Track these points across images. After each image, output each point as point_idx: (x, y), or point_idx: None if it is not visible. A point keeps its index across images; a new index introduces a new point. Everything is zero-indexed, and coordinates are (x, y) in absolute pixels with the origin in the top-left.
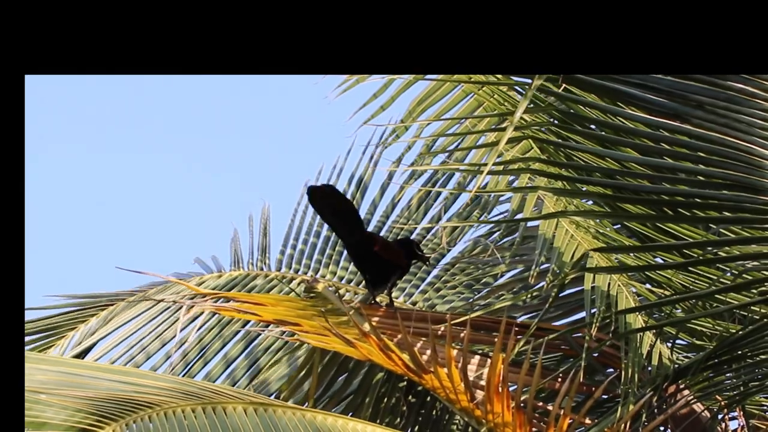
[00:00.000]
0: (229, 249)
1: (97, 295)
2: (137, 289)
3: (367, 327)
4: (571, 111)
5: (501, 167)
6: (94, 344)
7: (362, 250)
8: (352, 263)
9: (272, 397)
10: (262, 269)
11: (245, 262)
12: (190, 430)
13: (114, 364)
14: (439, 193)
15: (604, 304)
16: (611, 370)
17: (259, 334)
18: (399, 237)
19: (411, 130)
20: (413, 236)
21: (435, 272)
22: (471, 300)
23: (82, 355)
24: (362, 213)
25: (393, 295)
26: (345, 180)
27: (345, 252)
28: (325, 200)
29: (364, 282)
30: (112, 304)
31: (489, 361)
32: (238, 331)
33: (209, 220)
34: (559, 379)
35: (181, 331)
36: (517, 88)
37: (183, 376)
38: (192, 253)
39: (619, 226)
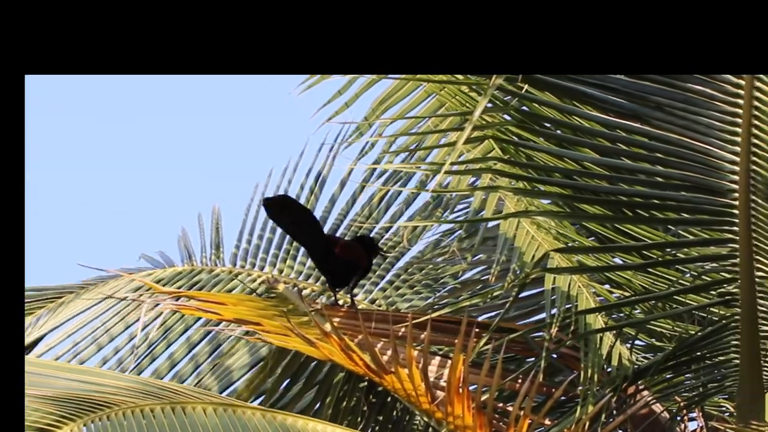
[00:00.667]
0: (177, 246)
1: (43, 288)
2: (82, 283)
3: (328, 327)
4: (530, 111)
5: (462, 167)
6: (41, 337)
7: (323, 253)
8: (309, 258)
9: (228, 393)
10: (216, 264)
11: (198, 258)
12: (149, 429)
13: (59, 359)
14: (400, 192)
15: (564, 305)
16: (571, 371)
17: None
18: (358, 234)
19: (373, 129)
20: (372, 234)
21: (395, 271)
22: (431, 299)
23: (29, 348)
24: (320, 210)
25: (353, 292)
26: (303, 175)
27: (302, 248)
28: (282, 211)
29: (325, 281)
30: (59, 297)
31: (449, 362)
32: (188, 328)
33: (164, 218)
34: (519, 380)
35: (142, 330)
36: (478, 89)
37: (133, 371)
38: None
39: (579, 226)
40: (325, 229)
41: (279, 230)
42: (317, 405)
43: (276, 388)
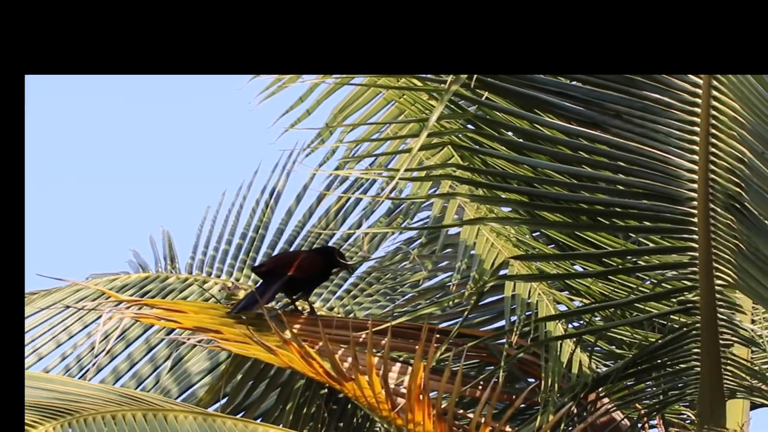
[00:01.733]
0: (133, 258)
1: None
2: (39, 290)
3: (288, 334)
4: (489, 118)
5: (420, 173)
6: None
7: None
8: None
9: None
10: (171, 272)
11: (153, 267)
12: None
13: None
14: (359, 200)
15: (524, 312)
16: (532, 379)
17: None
18: (318, 245)
19: (333, 137)
20: (331, 243)
21: (352, 279)
22: (391, 307)
23: None
24: (277, 220)
25: (310, 300)
26: (261, 186)
27: (259, 255)
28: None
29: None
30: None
31: (410, 368)
32: (141, 334)
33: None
34: (480, 387)
35: (101, 340)
36: (437, 96)
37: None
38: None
39: (539, 234)
40: (283, 240)
41: (235, 242)
42: (278, 411)
43: (237, 394)
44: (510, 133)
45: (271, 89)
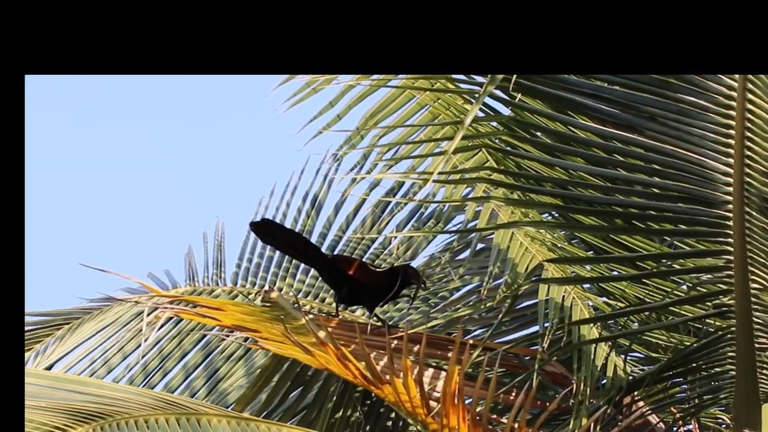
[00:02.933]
0: (184, 264)
1: (49, 314)
2: (86, 308)
3: (323, 334)
4: (523, 120)
5: (455, 176)
6: (50, 366)
7: (335, 275)
8: (309, 275)
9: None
10: (217, 284)
11: (200, 277)
12: None
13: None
14: (395, 208)
15: (557, 317)
16: (561, 388)
17: (218, 345)
18: (359, 251)
19: (365, 142)
20: (373, 248)
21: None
22: (424, 314)
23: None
24: (318, 229)
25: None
26: (299, 192)
27: (302, 265)
28: (269, 234)
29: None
30: (66, 323)
31: (443, 373)
32: (199, 341)
33: (163, 239)
34: (513, 394)
35: (145, 335)
36: (471, 99)
37: (143, 386)
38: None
39: (576, 240)
40: (319, 244)
41: (278, 251)
42: (313, 415)
43: (272, 398)
44: (543, 136)
45: (302, 93)
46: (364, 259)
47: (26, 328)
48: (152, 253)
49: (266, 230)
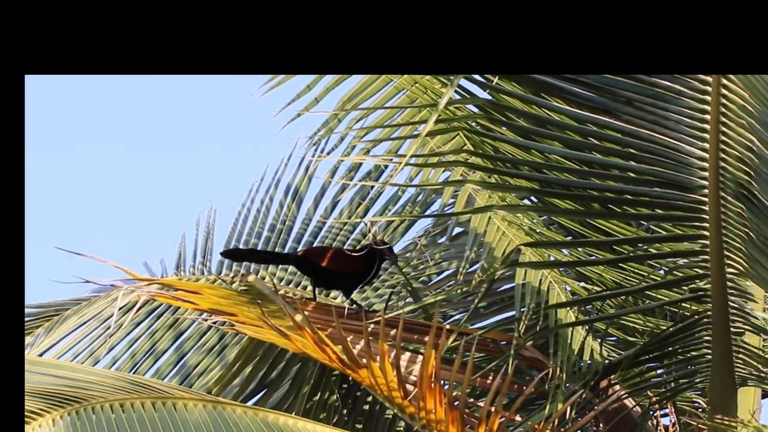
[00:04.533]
0: (177, 252)
1: (43, 306)
2: (82, 297)
3: (299, 318)
4: (499, 103)
5: (434, 159)
6: (42, 353)
7: (308, 268)
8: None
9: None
10: (203, 273)
11: (188, 266)
12: (118, 424)
13: None
14: (372, 189)
15: (534, 301)
16: (537, 371)
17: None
18: (340, 238)
19: (343, 125)
20: (355, 233)
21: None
22: (402, 294)
23: None
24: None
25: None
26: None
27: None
28: (240, 257)
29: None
30: (56, 315)
31: (420, 357)
32: (184, 331)
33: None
34: (490, 378)
35: (116, 319)
36: (447, 82)
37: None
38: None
39: (554, 225)
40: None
41: (263, 238)
42: (290, 400)
43: (249, 382)
44: (520, 120)
45: (280, 77)
46: (346, 246)
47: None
48: (151, 244)
49: (236, 255)
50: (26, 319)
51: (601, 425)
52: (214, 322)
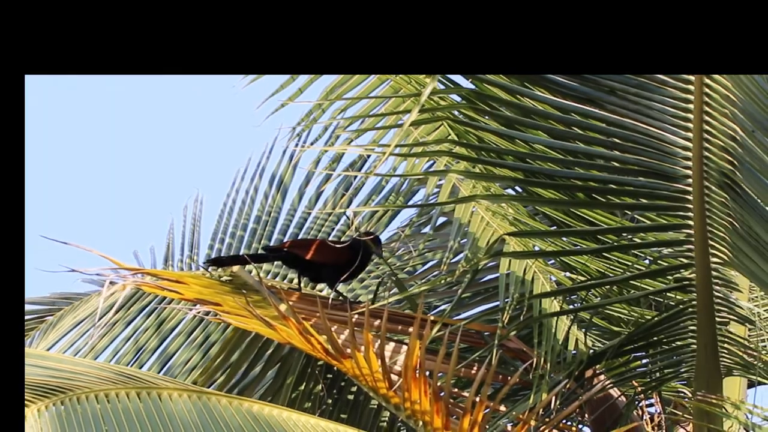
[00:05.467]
0: (165, 244)
1: (36, 301)
2: (74, 296)
3: (283, 307)
4: (482, 92)
5: (419, 149)
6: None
7: (293, 262)
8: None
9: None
10: (191, 267)
11: (176, 260)
12: (103, 415)
13: None
14: (355, 179)
15: (518, 291)
16: (521, 363)
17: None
18: (325, 228)
19: (325, 116)
20: (340, 224)
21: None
22: (388, 285)
23: None
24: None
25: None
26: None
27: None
28: (222, 265)
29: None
30: (51, 315)
31: (404, 347)
32: (175, 327)
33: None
34: (474, 368)
35: (102, 309)
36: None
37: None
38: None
39: (539, 215)
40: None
41: (248, 231)
42: (274, 390)
43: (234, 373)
44: (504, 109)
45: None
46: (331, 236)
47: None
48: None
49: (220, 263)
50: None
51: (586, 415)
52: (199, 312)
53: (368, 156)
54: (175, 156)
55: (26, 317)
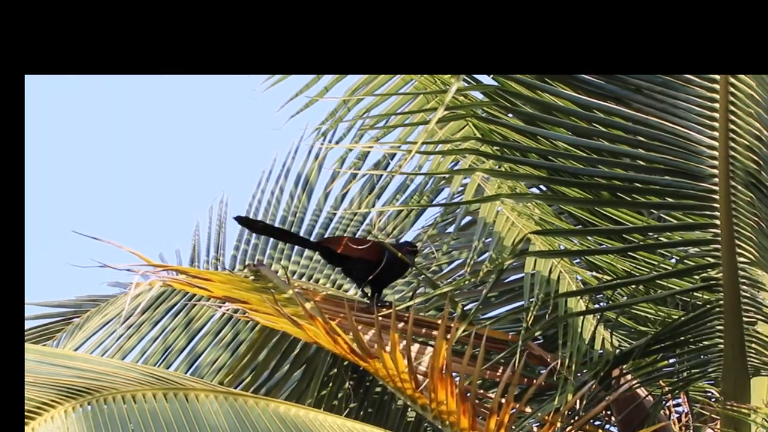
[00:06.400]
0: (191, 245)
1: (64, 304)
2: (100, 297)
3: (309, 305)
4: (507, 90)
5: (445, 146)
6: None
7: (328, 255)
8: (303, 257)
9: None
10: (216, 268)
11: (201, 261)
12: (129, 415)
13: None
14: (378, 179)
15: (543, 291)
16: (545, 369)
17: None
18: (351, 229)
19: (350, 115)
20: (365, 224)
21: None
22: (413, 285)
23: None
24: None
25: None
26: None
27: (296, 247)
28: (250, 225)
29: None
30: (77, 316)
31: (429, 348)
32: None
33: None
34: (500, 370)
35: (131, 303)
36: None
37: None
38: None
39: (564, 214)
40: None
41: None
42: (302, 390)
43: (261, 373)
44: (527, 107)
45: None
46: (357, 236)
47: (40, 323)
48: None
49: (249, 225)
50: (47, 321)
51: (613, 414)
52: (228, 310)
53: (392, 157)
54: (200, 157)
55: (52, 320)
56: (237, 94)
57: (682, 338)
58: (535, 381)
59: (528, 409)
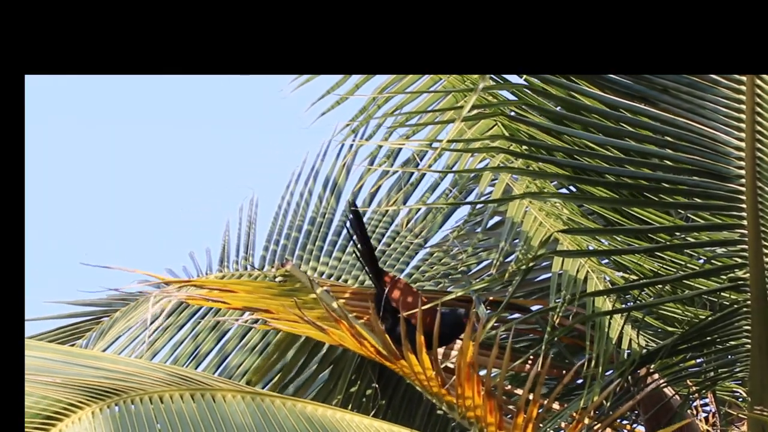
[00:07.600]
0: (221, 246)
1: (90, 303)
2: (130, 296)
3: (335, 305)
4: (535, 89)
5: (466, 145)
6: None
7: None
8: (332, 257)
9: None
10: (246, 268)
11: (231, 261)
12: (157, 416)
13: None
14: (404, 178)
15: (570, 291)
16: (579, 358)
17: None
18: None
19: (379, 114)
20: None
21: (414, 263)
22: (441, 286)
23: None
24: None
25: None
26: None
27: (326, 246)
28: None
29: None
30: (107, 316)
31: (457, 344)
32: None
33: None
34: (530, 362)
35: (150, 323)
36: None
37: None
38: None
39: (593, 215)
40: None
41: (302, 232)
42: (329, 390)
43: (287, 373)
44: (552, 104)
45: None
46: (386, 236)
47: (67, 324)
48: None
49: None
50: (77, 320)
51: (640, 413)
52: (246, 321)
53: (421, 158)
54: (230, 157)
55: (81, 319)
56: (267, 96)
57: (708, 338)
58: (564, 374)
59: (556, 406)
